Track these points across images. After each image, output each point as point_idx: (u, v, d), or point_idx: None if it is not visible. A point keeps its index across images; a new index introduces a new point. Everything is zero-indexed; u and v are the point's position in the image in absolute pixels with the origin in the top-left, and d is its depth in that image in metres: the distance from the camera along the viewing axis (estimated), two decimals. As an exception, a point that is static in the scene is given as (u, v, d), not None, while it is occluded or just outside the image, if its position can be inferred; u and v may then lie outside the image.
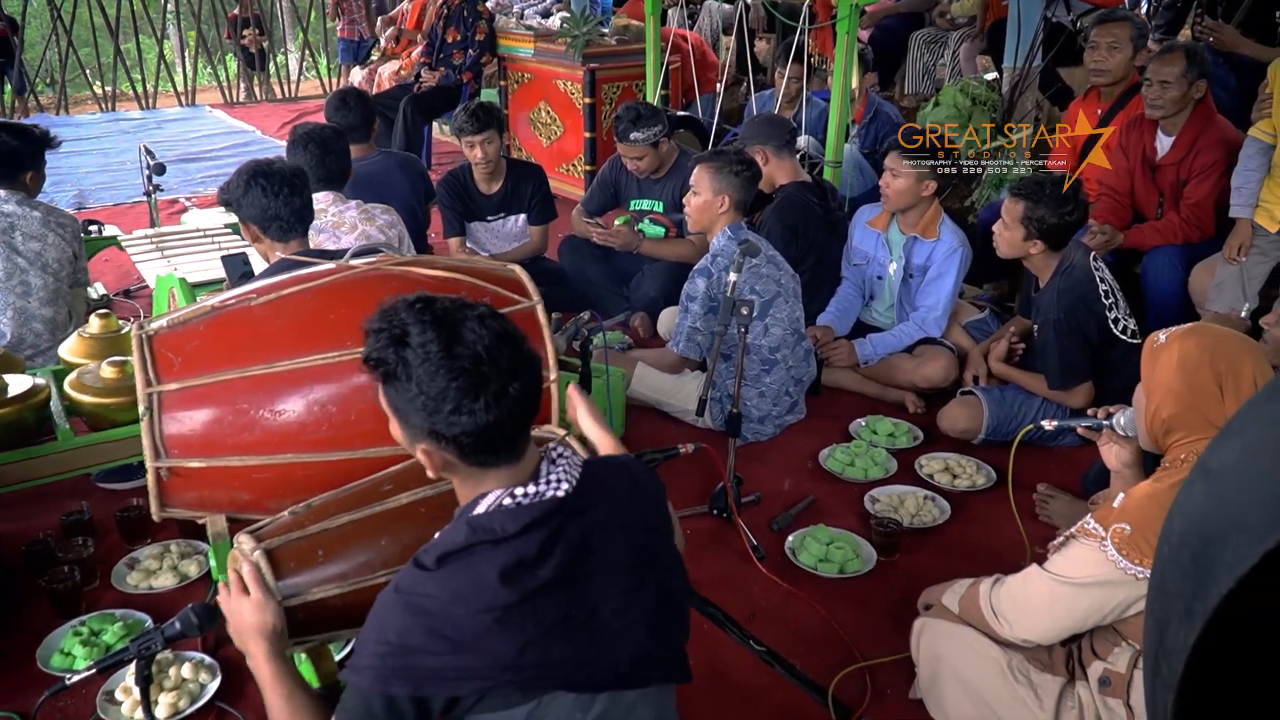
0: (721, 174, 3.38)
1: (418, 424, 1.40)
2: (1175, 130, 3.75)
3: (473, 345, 1.37)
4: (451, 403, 1.35)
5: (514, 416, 1.40)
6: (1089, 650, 2.00)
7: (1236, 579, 1.02)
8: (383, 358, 1.39)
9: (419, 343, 1.37)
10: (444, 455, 1.42)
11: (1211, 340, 1.94)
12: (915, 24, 6.74)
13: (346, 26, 10.21)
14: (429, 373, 1.36)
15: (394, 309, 1.42)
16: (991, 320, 3.93)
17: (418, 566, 1.40)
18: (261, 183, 2.57)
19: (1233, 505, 1.08)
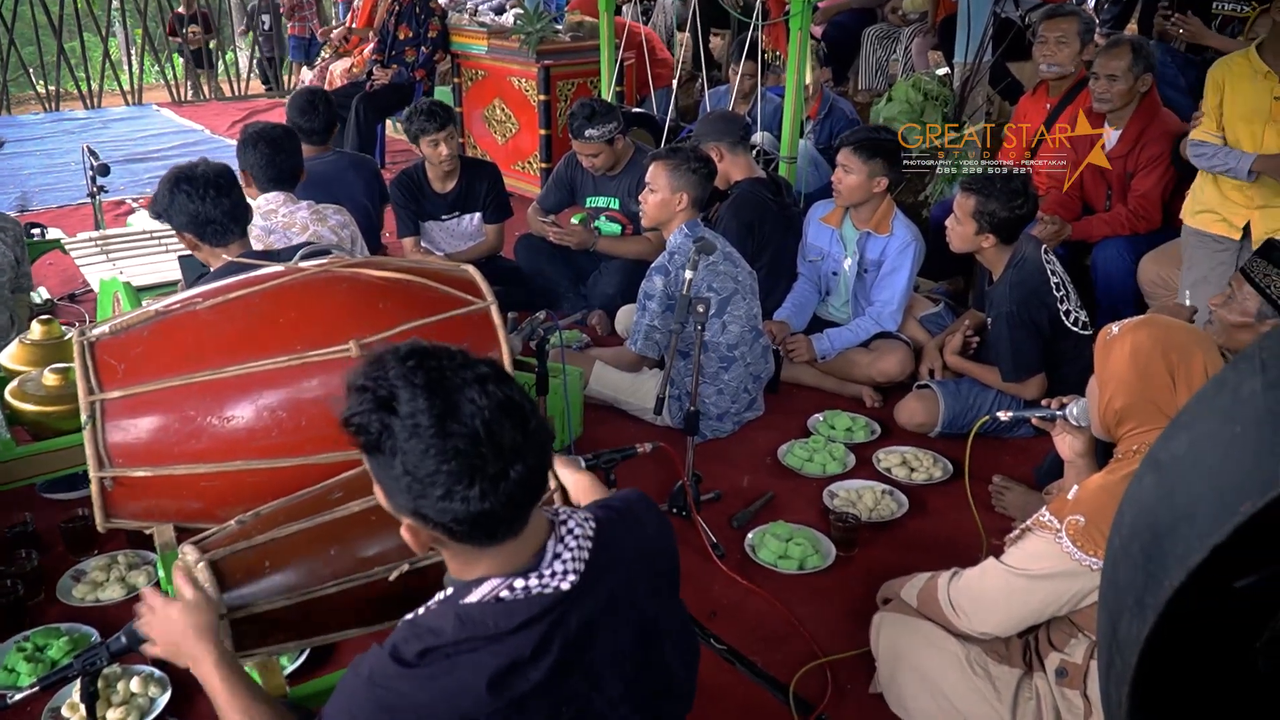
0: (679, 171, 3.37)
1: (402, 503, 1.22)
2: (1121, 123, 3.80)
3: (470, 420, 1.17)
4: (441, 488, 1.17)
5: (514, 501, 1.21)
6: (1046, 642, 2.02)
7: (1187, 572, 1.03)
8: (364, 424, 1.20)
9: (408, 412, 1.18)
10: (431, 535, 1.25)
11: (1163, 331, 1.97)
12: (868, 20, 6.77)
13: (297, 24, 10.08)
14: (417, 451, 1.17)
15: (381, 363, 1.22)
16: (946, 314, 3.97)
17: (395, 659, 1.25)
18: (185, 188, 2.51)
19: (1182, 498, 1.09)
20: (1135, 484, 1.20)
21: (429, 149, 4.28)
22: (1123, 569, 1.15)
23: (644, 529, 1.44)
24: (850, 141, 3.65)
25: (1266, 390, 1.01)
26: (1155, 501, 1.11)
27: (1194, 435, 1.11)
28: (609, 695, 1.31)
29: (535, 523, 1.29)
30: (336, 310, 2.10)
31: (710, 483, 3.07)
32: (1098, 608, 1.31)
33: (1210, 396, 1.13)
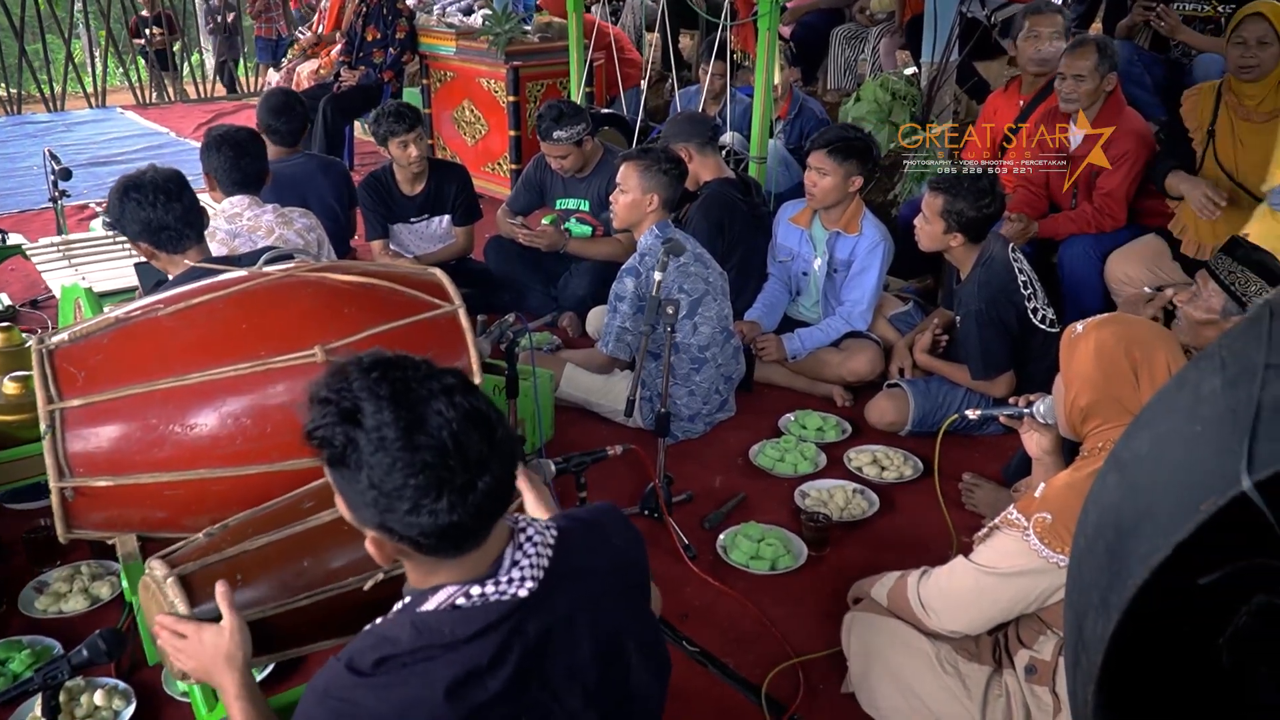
0: (650, 172, 3.36)
1: (367, 517, 1.20)
2: (1087, 122, 3.83)
3: (437, 432, 1.15)
4: (408, 502, 1.15)
5: (482, 513, 1.20)
6: (1015, 639, 2.03)
7: (1150, 570, 1.03)
8: (328, 437, 1.17)
9: (373, 425, 1.15)
10: (396, 547, 1.23)
11: (1126, 329, 1.99)
12: (836, 20, 6.79)
13: (264, 25, 10.00)
14: (383, 465, 1.15)
15: (344, 374, 1.19)
16: (916, 312, 3.99)
17: (351, 669, 1.22)
18: (135, 196, 2.48)
19: (1144, 496, 1.09)
20: (1099, 482, 1.21)
21: (397, 150, 4.25)
22: (1087, 568, 1.15)
23: (609, 539, 1.42)
24: (824, 144, 3.64)
25: (1227, 388, 1.02)
26: (1118, 500, 1.12)
27: (1156, 434, 1.11)
28: (571, 706, 1.29)
29: (496, 531, 1.27)
30: (301, 315, 2.08)
31: (682, 484, 3.06)
32: (1064, 606, 1.32)
33: (1172, 395, 1.14)
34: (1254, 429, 0.93)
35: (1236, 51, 3.55)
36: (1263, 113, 3.56)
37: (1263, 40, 3.49)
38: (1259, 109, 3.57)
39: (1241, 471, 0.90)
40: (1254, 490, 0.90)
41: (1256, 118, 3.57)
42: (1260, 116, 3.56)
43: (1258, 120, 3.57)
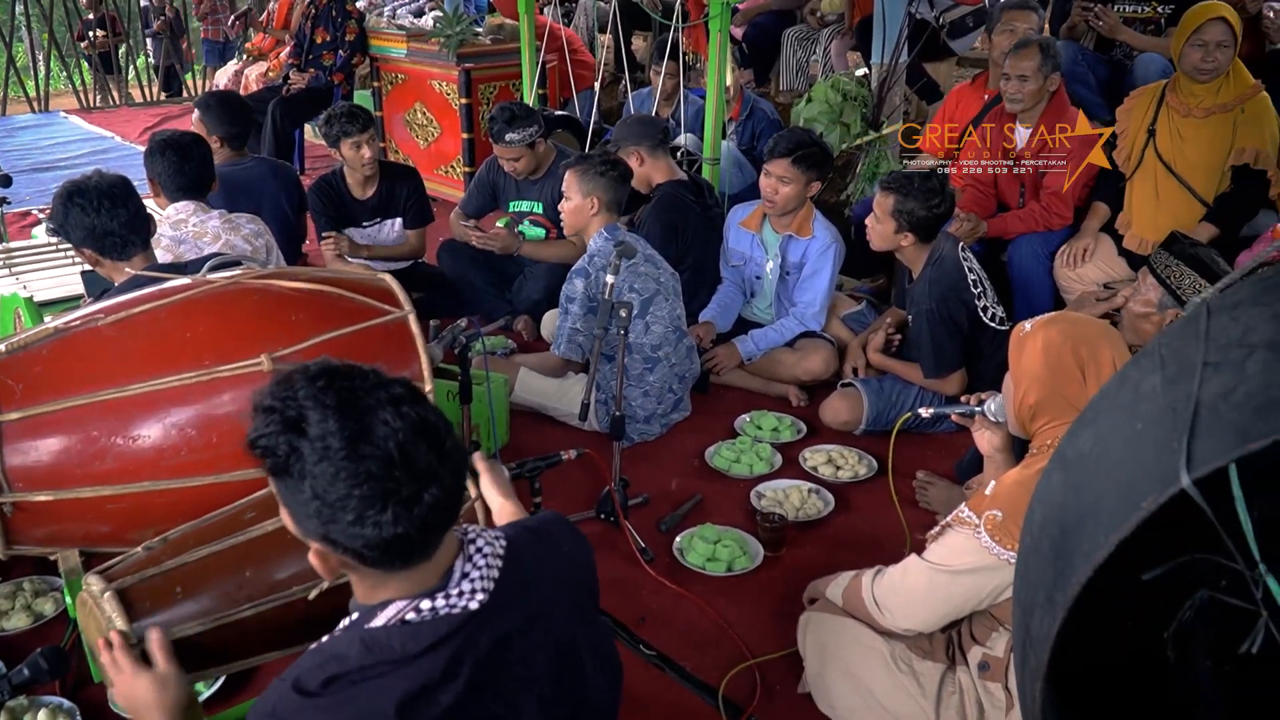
0: (588, 176, 3.36)
1: (311, 528, 1.18)
2: (1031, 122, 3.89)
3: (384, 443, 1.13)
4: (352, 513, 1.13)
5: (429, 525, 1.17)
6: (968, 636, 2.05)
7: (1094, 567, 1.04)
8: (271, 446, 1.15)
9: (317, 434, 1.13)
10: (340, 560, 1.20)
11: (1073, 327, 2.02)
12: (787, 21, 6.83)
13: (210, 27, 9.85)
14: (327, 475, 1.12)
15: (290, 382, 1.17)
16: (869, 312, 4.02)
17: (299, 690, 1.19)
18: (79, 201, 2.42)
19: (1087, 494, 1.11)
20: (1044, 481, 1.22)
21: (350, 152, 4.20)
22: (1033, 566, 1.16)
23: (559, 548, 1.41)
24: (786, 152, 3.62)
25: (1166, 386, 1.03)
26: (1062, 498, 1.13)
27: (1098, 432, 1.13)
28: (527, 716, 1.28)
29: (445, 543, 1.25)
30: (247, 323, 2.05)
31: (638, 487, 3.06)
32: (1012, 603, 1.33)
33: (1113, 393, 1.15)
34: (1193, 426, 0.94)
35: (1197, 53, 3.59)
36: (1204, 109, 3.64)
37: (1222, 43, 3.55)
38: (1201, 106, 3.64)
39: (1181, 469, 0.92)
40: (1193, 487, 0.91)
41: (1198, 114, 3.65)
42: (1201, 113, 3.64)
43: (1199, 117, 3.64)
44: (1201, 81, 3.62)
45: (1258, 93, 3.64)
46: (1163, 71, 4.22)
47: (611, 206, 3.39)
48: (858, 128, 4.65)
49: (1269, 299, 0.99)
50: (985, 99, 4.29)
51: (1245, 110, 3.60)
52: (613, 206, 3.40)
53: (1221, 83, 3.62)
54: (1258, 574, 1.08)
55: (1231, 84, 3.63)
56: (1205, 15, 3.58)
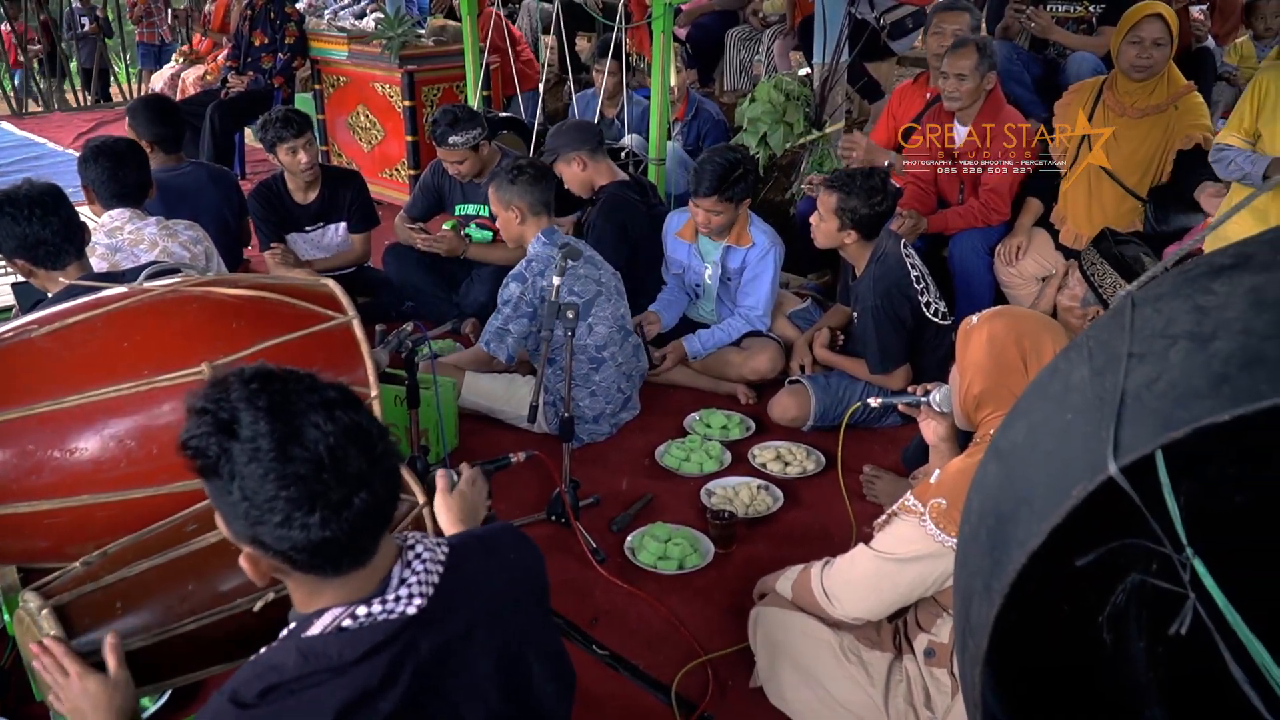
0: (500, 187, 3.37)
1: (240, 530, 1.18)
2: (969, 120, 3.96)
3: (314, 446, 1.13)
4: (280, 515, 1.13)
5: (358, 529, 1.17)
6: (914, 624, 2.08)
7: (1028, 555, 1.06)
8: (202, 448, 1.15)
9: (248, 435, 1.13)
10: (271, 564, 1.20)
11: (1016, 321, 2.07)
12: (730, 21, 6.87)
13: (145, 30, 9.66)
14: (256, 475, 1.13)
15: (224, 385, 1.17)
16: (814, 309, 4.06)
17: (235, 702, 1.18)
18: (9, 210, 2.37)
19: (1021, 484, 1.13)
20: (980, 471, 1.24)
21: (287, 157, 4.15)
22: (971, 554, 1.19)
23: (505, 555, 1.41)
24: (710, 191, 3.58)
25: (1094, 377, 1.06)
26: (998, 488, 1.15)
27: (1031, 423, 1.15)
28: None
29: (382, 550, 1.24)
30: (186, 331, 2.01)
31: (589, 488, 3.06)
32: (953, 591, 1.36)
33: (1045, 384, 1.18)
34: (1119, 416, 0.97)
35: (1133, 51, 3.68)
36: (1138, 109, 3.73)
37: (1158, 41, 3.64)
38: (1135, 105, 3.73)
39: (1108, 457, 0.94)
40: (1120, 475, 0.93)
41: (1133, 114, 3.74)
42: (1136, 113, 3.73)
43: (1133, 116, 3.73)
44: (1137, 79, 3.70)
45: (1189, 92, 3.74)
46: (1094, 70, 4.32)
47: (537, 209, 3.37)
48: (800, 127, 4.70)
49: (1189, 290, 1.02)
50: (927, 97, 4.36)
51: (1179, 108, 3.69)
52: (539, 209, 3.37)
53: (1156, 83, 3.71)
54: (1185, 557, 1.12)
55: (1166, 85, 3.72)
56: (1143, 12, 3.68)
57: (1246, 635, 1.10)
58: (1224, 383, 0.88)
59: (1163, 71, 3.69)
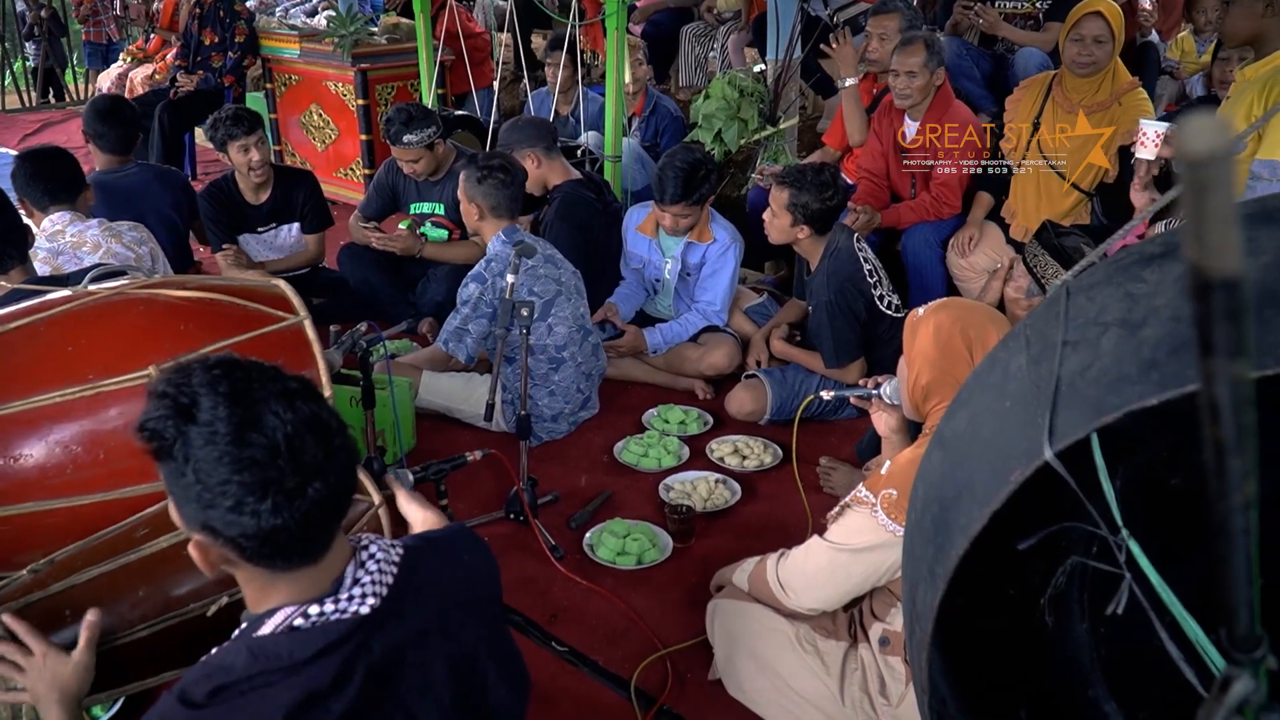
0: (468, 181, 3.36)
1: (191, 514, 1.16)
2: (919, 116, 4.01)
3: (271, 433, 1.13)
4: (231, 499, 1.12)
5: (310, 521, 1.16)
6: (869, 613, 2.11)
7: (970, 540, 1.09)
8: (159, 430, 1.14)
9: (207, 419, 1.13)
10: (221, 552, 1.18)
11: (961, 312, 2.10)
12: (685, 18, 6.90)
13: (92, 29, 9.49)
14: (210, 458, 1.12)
15: (187, 371, 1.17)
16: (770, 304, 4.09)
17: (184, 702, 1.16)
18: None
19: (963, 471, 1.15)
20: (925, 460, 1.27)
21: (238, 156, 4.10)
22: (917, 541, 1.21)
23: (459, 556, 1.41)
24: (679, 197, 3.62)
25: (1031, 365, 1.08)
26: (941, 476, 1.18)
27: (972, 411, 1.18)
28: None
29: (336, 550, 1.24)
30: (133, 335, 1.99)
31: (547, 485, 3.06)
32: (901, 579, 1.39)
33: (985, 374, 1.21)
34: (1054, 402, 0.99)
35: (1075, 48, 3.74)
36: (1085, 105, 3.79)
37: (1099, 38, 3.71)
38: (1083, 102, 3.80)
39: (1044, 443, 0.96)
40: (1055, 459, 0.96)
41: (1080, 109, 3.80)
42: (1083, 109, 3.79)
43: (1081, 112, 3.80)
44: (1081, 75, 3.77)
45: (1134, 87, 3.81)
46: (1041, 65, 4.40)
47: (498, 212, 3.36)
48: (755, 123, 4.73)
49: (1120, 279, 1.04)
50: (874, 92, 4.41)
51: (1123, 103, 3.76)
52: (500, 211, 3.36)
53: (1103, 78, 3.78)
54: (1120, 539, 1.15)
55: (1111, 80, 3.79)
56: (1084, 10, 3.75)
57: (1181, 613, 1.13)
58: (1153, 368, 0.90)
59: (1107, 67, 3.76)
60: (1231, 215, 0.37)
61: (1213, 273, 0.39)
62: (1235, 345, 0.40)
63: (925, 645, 1.16)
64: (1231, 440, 0.44)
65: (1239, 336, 0.40)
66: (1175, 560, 1.12)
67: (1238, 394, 0.42)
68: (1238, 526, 0.47)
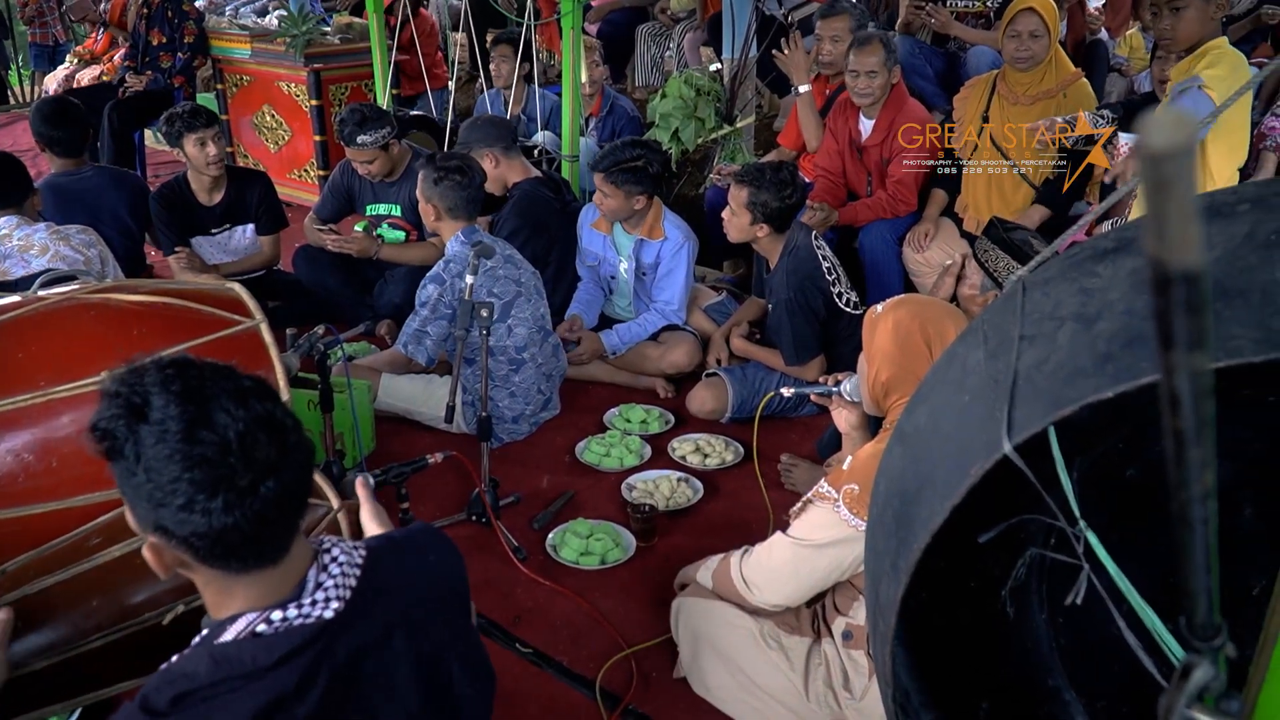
0: (426, 181, 3.33)
1: (143, 514, 1.15)
2: (874, 114, 4.05)
3: (223, 431, 1.12)
4: (182, 497, 1.10)
5: (264, 519, 1.14)
6: (832, 608, 2.13)
7: (931, 534, 1.10)
8: (110, 429, 1.12)
9: (158, 418, 1.11)
10: (175, 554, 1.16)
11: (920, 308, 2.12)
12: (640, 17, 6.90)
13: (38, 30, 9.28)
14: (161, 456, 1.10)
15: (140, 371, 1.16)
16: (729, 302, 4.10)
17: (146, 710, 1.14)
18: None
19: (924, 465, 1.16)
20: (886, 455, 1.28)
21: (194, 150, 4.03)
22: (879, 535, 1.22)
23: (424, 557, 1.39)
24: (600, 168, 3.67)
25: (989, 360, 1.09)
26: (902, 470, 1.19)
27: (932, 406, 1.19)
28: None
29: (297, 553, 1.22)
30: (85, 340, 1.95)
31: (509, 486, 3.05)
32: (864, 573, 1.40)
33: (943, 369, 1.22)
34: (1012, 396, 1.00)
35: (1012, 44, 3.82)
36: (1030, 96, 3.86)
37: (1034, 33, 3.78)
38: (1027, 94, 3.86)
39: (1003, 436, 0.97)
40: (1014, 452, 0.97)
41: (1025, 101, 3.87)
42: (1028, 100, 3.86)
43: (1026, 104, 3.86)
44: (1020, 70, 3.84)
45: (1077, 79, 3.88)
46: (993, 63, 4.46)
47: (455, 213, 3.33)
48: (712, 122, 4.74)
49: (1075, 274, 1.06)
50: (826, 93, 4.44)
51: (1067, 95, 3.83)
52: (457, 213, 3.33)
53: (1044, 71, 3.85)
54: (1078, 530, 1.17)
55: (1054, 72, 3.86)
56: (1018, 7, 3.83)
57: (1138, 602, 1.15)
58: (1108, 361, 0.92)
59: (1045, 60, 3.83)
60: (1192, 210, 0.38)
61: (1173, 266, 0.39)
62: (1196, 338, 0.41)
63: (889, 639, 1.17)
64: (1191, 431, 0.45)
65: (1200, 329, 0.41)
66: (1132, 551, 1.14)
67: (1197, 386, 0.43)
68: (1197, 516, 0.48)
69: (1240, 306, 0.85)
